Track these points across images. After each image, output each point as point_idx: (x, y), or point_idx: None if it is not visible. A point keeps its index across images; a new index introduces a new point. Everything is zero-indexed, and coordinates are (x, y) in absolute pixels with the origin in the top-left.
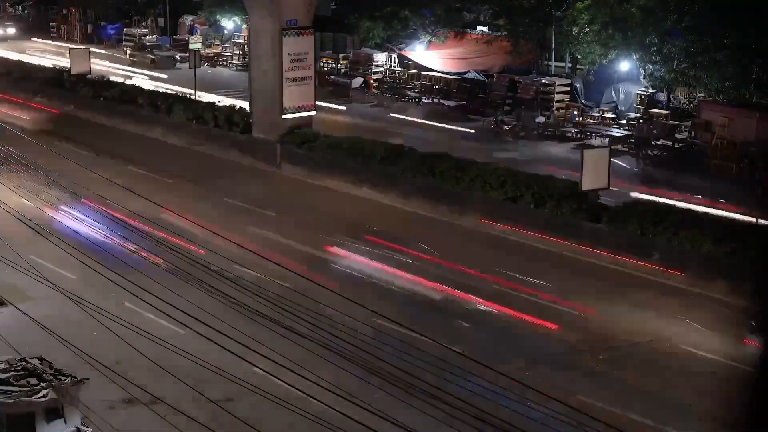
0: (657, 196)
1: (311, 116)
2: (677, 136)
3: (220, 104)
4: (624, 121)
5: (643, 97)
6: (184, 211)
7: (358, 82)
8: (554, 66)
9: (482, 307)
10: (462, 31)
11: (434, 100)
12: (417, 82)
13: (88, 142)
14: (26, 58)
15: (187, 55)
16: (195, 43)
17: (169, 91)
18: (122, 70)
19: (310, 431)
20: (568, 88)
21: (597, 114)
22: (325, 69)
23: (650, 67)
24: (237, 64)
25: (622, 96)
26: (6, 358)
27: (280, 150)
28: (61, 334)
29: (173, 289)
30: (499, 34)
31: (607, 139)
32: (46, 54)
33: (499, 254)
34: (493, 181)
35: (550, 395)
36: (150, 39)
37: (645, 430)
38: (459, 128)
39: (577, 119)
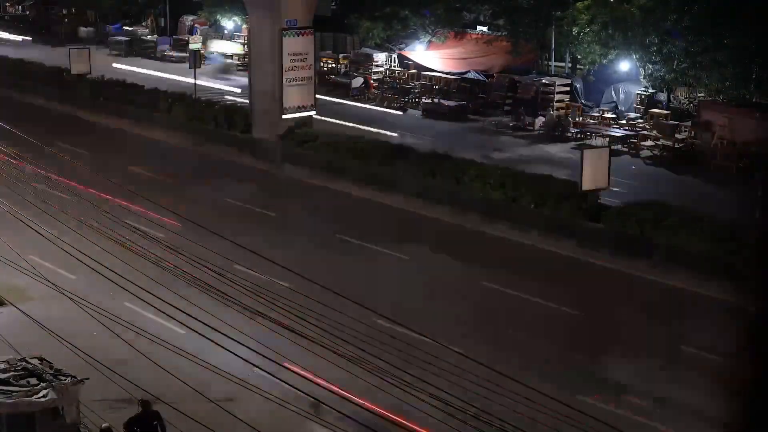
0: (657, 196)
1: (311, 116)
2: (677, 136)
3: (220, 104)
4: (624, 121)
5: (643, 97)
6: (185, 211)
7: (358, 82)
8: (554, 66)
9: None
10: (462, 31)
11: (434, 100)
12: (417, 82)
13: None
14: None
15: (188, 54)
16: (195, 43)
17: (169, 91)
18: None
19: (310, 430)
20: (568, 88)
21: (597, 114)
22: (325, 69)
23: (650, 67)
24: (237, 64)
25: (622, 96)
26: (6, 358)
27: (281, 150)
28: (61, 334)
29: (172, 289)
30: (499, 34)
31: (607, 139)
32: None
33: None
34: (493, 181)
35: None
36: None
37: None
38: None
39: (577, 119)
